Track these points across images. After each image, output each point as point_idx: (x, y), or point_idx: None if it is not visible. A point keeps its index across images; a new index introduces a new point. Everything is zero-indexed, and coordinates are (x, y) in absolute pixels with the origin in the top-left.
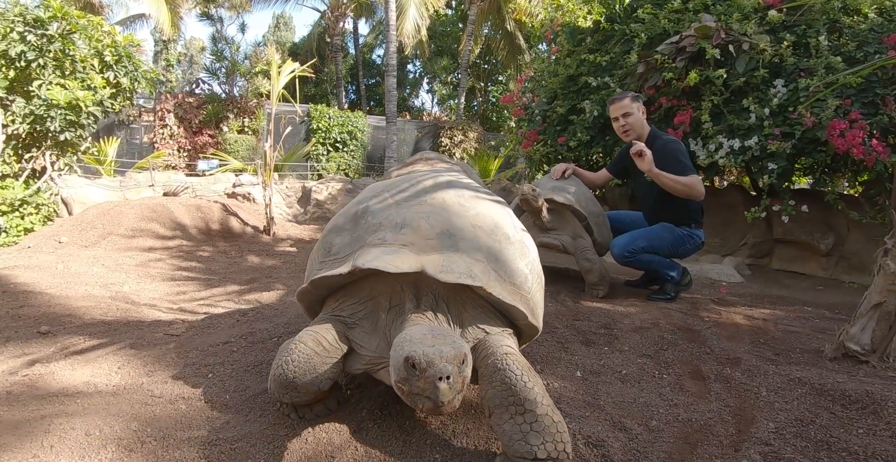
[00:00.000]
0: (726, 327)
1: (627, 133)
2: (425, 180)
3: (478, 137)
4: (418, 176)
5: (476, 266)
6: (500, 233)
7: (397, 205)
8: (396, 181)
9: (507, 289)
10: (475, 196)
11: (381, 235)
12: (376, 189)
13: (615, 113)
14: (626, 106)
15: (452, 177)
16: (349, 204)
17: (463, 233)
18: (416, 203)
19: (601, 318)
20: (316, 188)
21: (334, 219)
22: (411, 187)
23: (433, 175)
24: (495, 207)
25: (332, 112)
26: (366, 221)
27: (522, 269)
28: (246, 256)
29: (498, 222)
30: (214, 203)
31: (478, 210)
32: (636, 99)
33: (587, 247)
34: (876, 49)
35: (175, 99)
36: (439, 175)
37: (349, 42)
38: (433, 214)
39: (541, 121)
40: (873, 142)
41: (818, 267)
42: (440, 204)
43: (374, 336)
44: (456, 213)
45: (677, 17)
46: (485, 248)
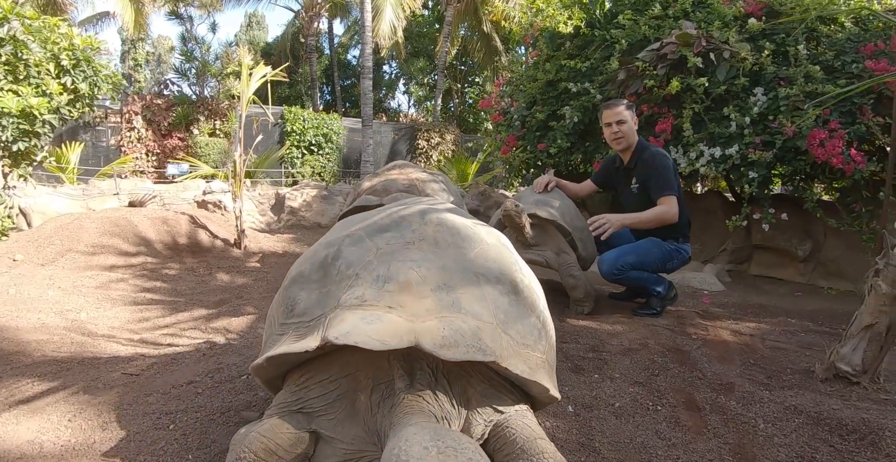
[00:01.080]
0: (715, 346)
1: (619, 141)
2: (408, 211)
3: (455, 139)
4: (398, 206)
5: (485, 331)
6: (507, 279)
7: (377, 249)
8: (373, 214)
9: (524, 357)
10: (469, 228)
11: (360, 292)
12: (349, 224)
13: (609, 119)
14: (621, 113)
15: (437, 203)
16: (317, 245)
17: (464, 284)
18: (402, 245)
19: (589, 340)
20: (290, 195)
21: (299, 264)
22: (393, 223)
23: (415, 203)
24: (494, 241)
25: (306, 114)
26: (338, 271)
27: (535, 324)
28: (215, 274)
29: (503, 265)
30: (182, 215)
31: (477, 249)
32: (630, 107)
33: (572, 263)
34: (853, 58)
35: (143, 100)
36: (421, 203)
37: (324, 42)
38: (424, 261)
39: (520, 126)
40: (852, 151)
41: (796, 273)
42: (431, 244)
43: (351, 423)
44: (452, 256)
45: (657, 23)
46: (492, 302)
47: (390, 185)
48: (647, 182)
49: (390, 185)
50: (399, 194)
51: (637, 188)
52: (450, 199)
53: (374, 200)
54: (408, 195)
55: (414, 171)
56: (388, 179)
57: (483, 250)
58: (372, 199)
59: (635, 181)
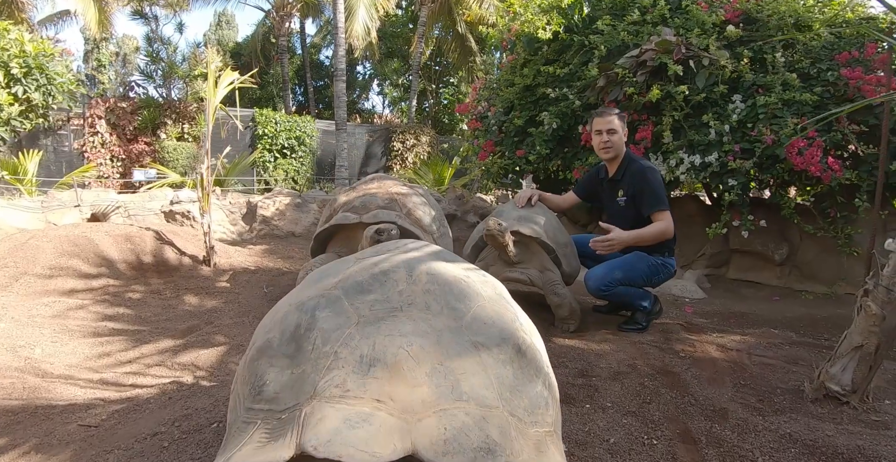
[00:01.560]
0: (704, 365)
1: (607, 150)
2: (391, 262)
3: (430, 141)
4: (380, 255)
5: (491, 421)
6: (509, 343)
7: (359, 316)
8: (350, 263)
9: (534, 440)
10: (463, 282)
11: (340, 378)
12: (323, 277)
13: (601, 126)
14: (613, 122)
15: (422, 248)
16: (286, 304)
17: (463, 360)
18: (388, 313)
19: (577, 363)
20: (262, 204)
21: (266, 329)
22: (376, 281)
23: (398, 250)
24: (491, 293)
25: (278, 116)
26: (313, 346)
27: (542, 392)
28: (183, 296)
29: (503, 324)
30: (146, 231)
31: (474, 309)
32: (622, 118)
33: (556, 281)
34: (828, 66)
35: (106, 104)
36: (405, 249)
37: (296, 42)
38: (416, 335)
39: (497, 131)
40: (829, 160)
41: (773, 276)
42: (422, 310)
43: None
44: (447, 324)
45: (636, 29)
46: (495, 378)
47: (369, 201)
48: (637, 196)
49: (369, 200)
50: (380, 212)
51: (624, 201)
52: (431, 213)
53: (352, 218)
54: (388, 212)
55: (393, 184)
56: (367, 194)
57: (480, 310)
58: (350, 217)
59: (622, 193)
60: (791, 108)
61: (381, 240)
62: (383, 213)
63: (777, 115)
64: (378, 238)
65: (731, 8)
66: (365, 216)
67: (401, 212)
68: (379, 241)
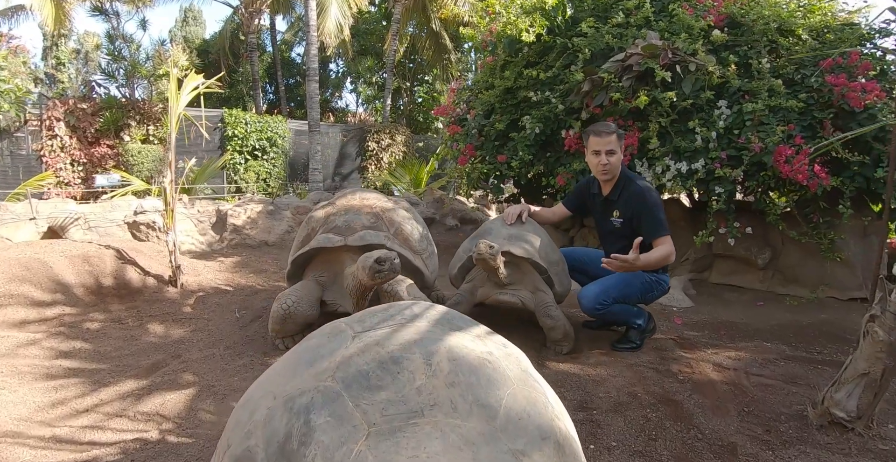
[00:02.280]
0: (705, 391)
1: (606, 173)
2: (399, 342)
3: (405, 140)
4: (384, 331)
5: None
6: (549, 445)
7: (368, 426)
8: (346, 340)
9: None
10: (487, 361)
11: None
12: (314, 356)
13: (600, 146)
14: (613, 142)
15: (430, 311)
16: (266, 385)
17: None
18: (406, 419)
19: (575, 392)
20: (232, 212)
21: (242, 428)
22: (385, 371)
23: (405, 321)
24: (518, 372)
25: (248, 117)
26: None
27: None
28: (147, 325)
29: (539, 415)
30: (107, 249)
31: (506, 404)
32: (621, 136)
33: (549, 302)
34: (812, 72)
35: (65, 105)
36: (413, 318)
37: (266, 39)
38: (447, 455)
39: (477, 135)
40: (815, 167)
41: (755, 280)
42: (448, 413)
43: None
44: (481, 433)
45: (620, 32)
46: None
47: (353, 220)
48: (636, 220)
49: (353, 219)
50: (367, 233)
51: (620, 223)
52: (419, 230)
53: (336, 241)
54: (376, 233)
55: (376, 198)
56: (350, 211)
57: (512, 400)
58: (334, 238)
59: (618, 214)
60: (777, 114)
61: (382, 270)
62: (371, 235)
63: (764, 121)
64: (379, 269)
65: (716, 12)
66: (350, 238)
67: (388, 231)
68: (380, 273)
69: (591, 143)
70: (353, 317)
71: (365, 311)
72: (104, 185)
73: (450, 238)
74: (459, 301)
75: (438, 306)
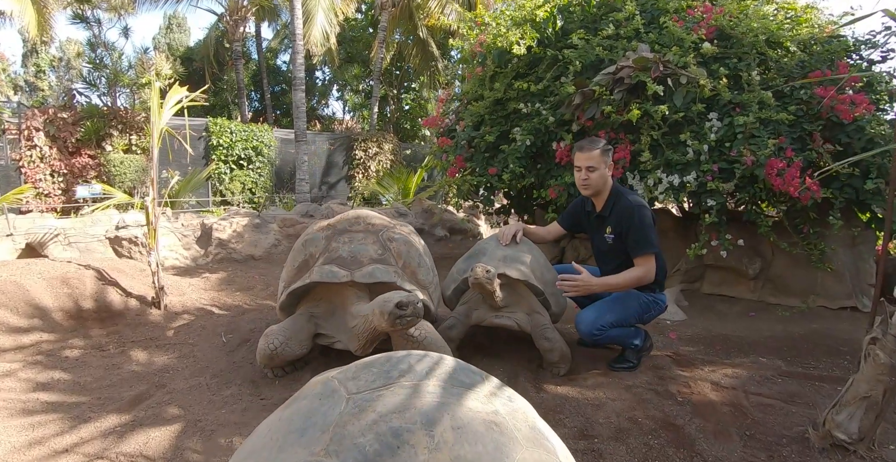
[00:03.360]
0: (706, 413)
1: (586, 187)
2: (398, 410)
3: (393, 149)
4: (380, 394)
5: None
6: None
7: None
8: (339, 405)
9: None
10: (494, 424)
11: None
12: (305, 424)
13: (580, 162)
14: (594, 158)
15: (432, 366)
16: (248, 456)
17: None
18: None
19: (575, 418)
20: (217, 225)
21: None
22: (381, 442)
23: (404, 380)
24: (525, 431)
25: (233, 125)
26: None
27: None
28: (129, 352)
29: None
30: (87, 270)
31: None
32: (607, 152)
33: (546, 325)
34: (802, 85)
35: (45, 114)
36: (412, 375)
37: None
38: None
39: (466, 146)
40: (807, 180)
41: (746, 290)
42: None
43: None
44: None
45: (610, 44)
46: None
47: (360, 252)
48: (623, 235)
49: (359, 251)
50: (376, 269)
51: (612, 238)
52: (426, 260)
53: (342, 276)
54: (385, 268)
55: (380, 222)
56: (355, 242)
57: None
58: (338, 273)
59: (610, 230)
60: (767, 127)
61: (404, 316)
62: (380, 271)
63: (755, 134)
64: (401, 314)
65: (706, 24)
66: (358, 274)
67: (397, 265)
68: (401, 319)
69: (575, 159)
70: (346, 371)
71: (360, 363)
72: (85, 196)
73: (439, 249)
74: (454, 324)
75: (445, 359)
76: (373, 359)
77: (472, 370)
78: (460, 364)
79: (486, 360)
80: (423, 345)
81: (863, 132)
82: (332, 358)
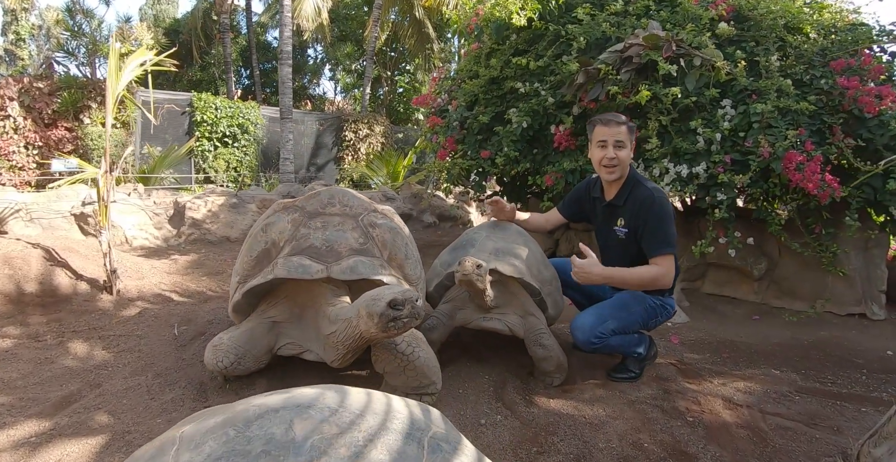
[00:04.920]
0: (721, 438)
1: (612, 169)
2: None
3: (384, 131)
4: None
5: None
6: None
7: None
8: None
9: None
10: None
11: None
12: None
13: (606, 136)
14: (623, 133)
15: (390, 421)
16: None
17: None
18: None
19: (570, 442)
20: (191, 204)
21: None
22: None
23: (342, 440)
24: None
25: (219, 102)
26: None
27: None
28: (67, 343)
29: None
30: (34, 249)
31: None
32: (633, 131)
33: (541, 329)
34: (822, 73)
35: (19, 83)
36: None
37: (242, 21)
38: None
39: (458, 128)
40: (827, 176)
41: (750, 291)
42: None
43: None
44: None
45: (618, 20)
46: None
47: (336, 240)
48: (640, 230)
49: (336, 238)
50: (357, 262)
51: (625, 233)
52: (412, 250)
53: (315, 271)
54: (368, 260)
55: (359, 203)
56: (330, 227)
57: None
58: (312, 268)
59: (622, 223)
60: (786, 117)
61: (399, 318)
62: (364, 265)
63: (772, 124)
64: (395, 316)
65: (724, 2)
66: (336, 268)
67: (382, 257)
68: (395, 322)
69: (596, 133)
70: (199, 427)
71: (225, 418)
72: (61, 170)
73: (427, 236)
74: (435, 326)
75: (394, 413)
76: (255, 407)
77: (453, 437)
78: (437, 416)
79: (471, 364)
80: (412, 363)
81: (886, 128)
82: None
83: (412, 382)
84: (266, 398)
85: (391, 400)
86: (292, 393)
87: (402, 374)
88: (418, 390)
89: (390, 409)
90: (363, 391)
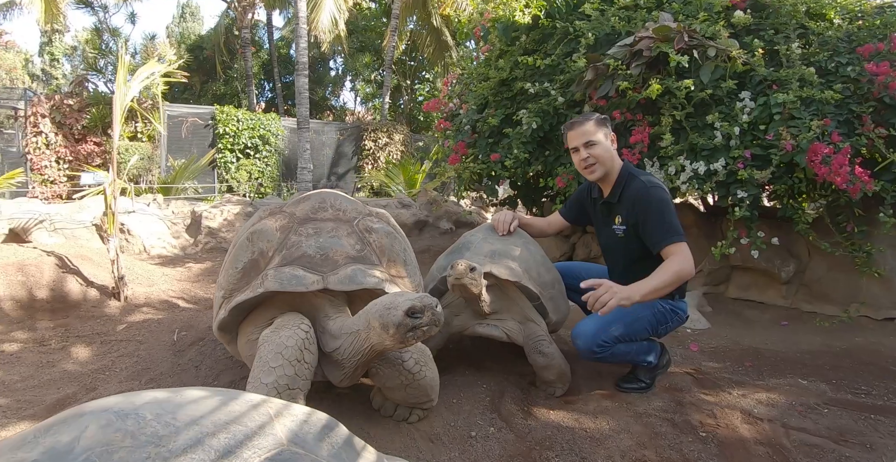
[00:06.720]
0: (736, 457)
1: (592, 169)
2: None
3: (404, 140)
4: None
5: None
6: None
7: None
8: None
9: None
10: None
11: None
12: None
13: (574, 142)
14: (590, 132)
15: None
16: None
17: None
18: None
19: (566, 457)
20: (207, 213)
21: None
22: None
23: None
24: None
25: (240, 114)
26: None
27: None
28: (70, 347)
29: None
30: (47, 256)
31: None
32: (603, 123)
33: (541, 336)
34: (848, 60)
35: (51, 101)
36: None
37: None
38: None
39: (470, 131)
40: (857, 170)
41: (777, 295)
42: None
43: None
44: None
45: (628, 15)
46: None
47: (331, 248)
48: (641, 225)
49: (330, 246)
50: (356, 270)
51: (623, 230)
52: (410, 255)
53: (311, 282)
54: (367, 269)
55: (351, 207)
56: (323, 233)
57: None
58: (306, 278)
59: (619, 221)
60: (810, 107)
61: (419, 326)
62: (362, 274)
63: (795, 115)
64: (415, 325)
65: None
66: (333, 279)
67: (381, 263)
68: (414, 331)
69: (568, 141)
70: (35, 429)
71: (80, 409)
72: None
73: (444, 242)
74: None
75: (281, 418)
76: (75, 410)
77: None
78: (257, 443)
79: (468, 371)
80: (417, 382)
81: None
82: None
83: (411, 400)
84: (108, 400)
85: (250, 411)
86: (140, 396)
87: (402, 390)
88: (413, 405)
89: (230, 424)
90: (227, 398)
